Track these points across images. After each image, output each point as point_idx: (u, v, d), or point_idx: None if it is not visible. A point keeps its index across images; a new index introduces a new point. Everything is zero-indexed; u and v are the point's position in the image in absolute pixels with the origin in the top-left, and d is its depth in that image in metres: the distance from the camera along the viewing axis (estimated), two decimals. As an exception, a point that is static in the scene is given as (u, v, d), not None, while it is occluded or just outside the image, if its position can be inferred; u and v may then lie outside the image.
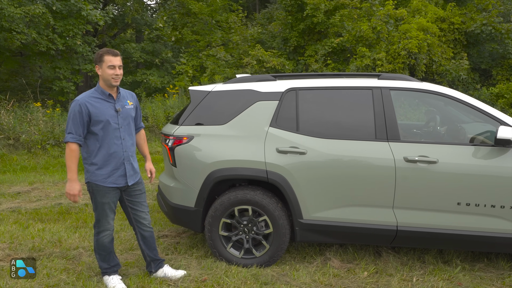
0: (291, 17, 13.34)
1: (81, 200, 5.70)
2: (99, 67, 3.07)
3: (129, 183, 3.22)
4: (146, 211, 3.40)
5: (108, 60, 3.04)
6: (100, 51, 3.09)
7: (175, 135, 3.80)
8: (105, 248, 3.30)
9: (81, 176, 7.18)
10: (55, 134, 9.49)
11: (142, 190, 3.38)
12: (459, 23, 12.38)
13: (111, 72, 3.05)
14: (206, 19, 17.60)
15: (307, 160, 3.54)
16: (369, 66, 11.22)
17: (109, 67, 3.04)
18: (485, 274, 3.58)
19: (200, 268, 3.62)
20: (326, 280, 3.47)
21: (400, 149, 3.47)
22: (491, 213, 3.37)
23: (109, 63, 3.04)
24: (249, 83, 3.87)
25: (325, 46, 12.79)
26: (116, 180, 3.17)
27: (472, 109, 3.52)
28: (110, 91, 3.14)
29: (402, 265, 3.75)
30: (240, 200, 3.64)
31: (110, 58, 3.04)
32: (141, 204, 3.37)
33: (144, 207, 3.39)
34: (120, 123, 3.17)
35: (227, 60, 14.72)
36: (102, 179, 3.13)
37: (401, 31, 11.43)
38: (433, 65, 11.55)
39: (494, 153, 3.38)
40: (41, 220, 4.96)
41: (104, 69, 3.05)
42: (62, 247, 4.10)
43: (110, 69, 3.05)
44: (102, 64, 3.06)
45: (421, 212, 3.46)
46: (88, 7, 12.92)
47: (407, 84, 3.66)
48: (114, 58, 3.06)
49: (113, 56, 3.06)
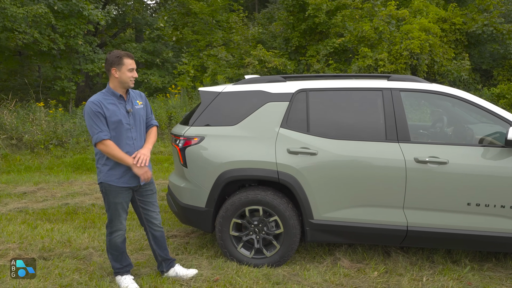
0: (293, 17, 13.36)
1: (88, 200, 5.72)
2: (117, 69, 3.07)
3: (141, 183, 3.23)
4: (157, 211, 3.42)
5: (128, 63, 3.08)
6: (117, 53, 3.08)
7: (185, 136, 3.82)
8: (117, 248, 3.32)
9: (91, 176, 7.20)
10: (58, 134, 9.49)
11: (154, 190, 3.40)
12: (461, 23, 12.43)
13: (130, 74, 3.09)
14: (207, 19, 17.61)
15: (318, 161, 3.56)
16: (371, 66, 11.25)
17: (129, 70, 3.09)
18: (494, 274, 3.61)
19: (211, 268, 3.64)
20: (337, 280, 3.49)
21: (410, 150, 3.49)
22: (501, 213, 3.39)
23: (130, 66, 3.09)
24: (259, 84, 3.89)
25: (326, 46, 12.81)
26: (129, 180, 3.18)
27: (482, 110, 3.54)
28: (121, 92, 3.16)
29: (411, 265, 3.78)
30: (251, 201, 3.66)
31: (130, 61, 3.09)
32: (152, 204, 3.39)
33: (156, 207, 3.41)
34: (132, 124, 3.19)
35: (228, 60, 14.73)
36: (115, 179, 3.15)
37: (403, 31, 11.47)
38: (434, 66, 11.59)
39: (504, 154, 3.41)
40: (49, 220, 4.97)
41: (124, 72, 3.08)
42: (72, 247, 4.11)
43: (130, 72, 3.09)
44: (121, 67, 3.07)
45: (431, 213, 3.49)
46: (89, 7, 12.92)
47: (417, 85, 3.68)
48: (132, 61, 3.12)
49: (132, 59, 3.12)
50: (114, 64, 3.07)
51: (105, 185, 3.18)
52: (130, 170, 3.17)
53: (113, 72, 3.09)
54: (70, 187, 6.45)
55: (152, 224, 3.40)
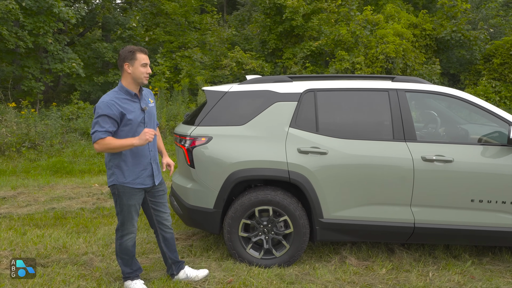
0: (270, 19, 13.43)
1: (75, 204, 5.48)
2: (130, 64, 2.95)
3: (156, 182, 3.16)
4: (168, 212, 3.35)
5: (141, 58, 2.95)
6: (130, 48, 2.96)
7: (192, 136, 3.74)
8: (128, 252, 3.20)
9: (72, 179, 6.91)
10: (30, 136, 9.06)
11: (165, 190, 3.33)
12: (430, 29, 12.94)
13: (143, 70, 2.97)
14: (179, 20, 17.41)
15: (328, 160, 3.59)
16: (348, 69, 11.49)
17: (142, 65, 2.96)
18: (493, 267, 3.77)
19: (221, 270, 3.58)
20: (348, 277, 3.53)
21: (417, 149, 3.59)
22: (502, 209, 3.55)
23: (143, 61, 2.96)
24: (266, 84, 3.88)
25: (303, 49, 12.97)
26: (144, 180, 3.09)
27: (482, 110, 3.70)
28: (135, 90, 3.04)
29: (416, 261, 3.88)
30: (261, 201, 3.64)
31: (143, 56, 2.96)
32: (164, 205, 3.31)
33: (167, 208, 3.34)
34: (147, 122, 3.09)
35: (203, 62, 14.61)
36: (131, 180, 3.04)
37: (378, 36, 11.81)
38: (407, 70, 12.00)
39: (504, 152, 3.57)
40: (37, 225, 4.72)
41: (137, 67, 2.95)
42: (69, 253, 3.92)
43: (143, 67, 2.97)
44: (134, 62, 2.94)
45: (437, 210, 3.60)
46: (60, 4, 12.44)
47: (421, 86, 3.79)
48: (146, 56, 2.99)
49: (145, 54, 2.99)
50: (127, 59, 2.95)
51: (119, 187, 3.04)
52: (145, 170, 3.09)
53: (125, 68, 2.96)
54: (52, 191, 6.16)
55: (163, 225, 3.31)
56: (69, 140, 9.69)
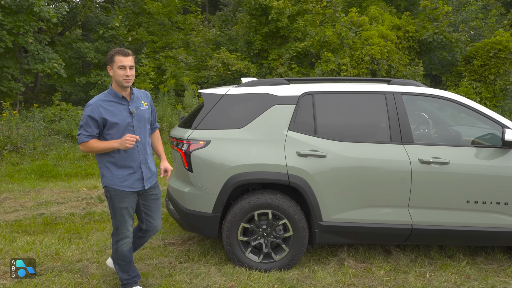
0: (255, 20, 13.42)
1: (64, 210, 5.34)
2: (111, 67, 2.95)
3: (146, 186, 3.11)
4: (159, 221, 3.31)
5: (118, 61, 2.90)
6: (112, 51, 2.96)
7: (190, 139, 3.69)
8: (124, 258, 3.15)
9: (59, 183, 6.74)
10: (12, 139, 8.81)
11: (158, 195, 3.28)
12: (413, 31, 13.17)
13: (121, 73, 2.91)
14: (162, 20, 17.21)
15: (327, 163, 3.60)
16: (334, 70, 11.59)
17: (119, 67, 2.91)
18: (487, 267, 3.85)
19: (221, 275, 3.55)
20: (348, 280, 3.54)
21: (414, 151, 3.63)
22: (496, 209, 3.63)
23: (119, 63, 2.90)
24: (264, 87, 3.86)
25: (289, 50, 13.01)
26: (133, 184, 3.05)
27: (476, 113, 3.77)
28: (123, 92, 3.01)
29: (412, 262, 3.92)
30: (260, 204, 3.62)
31: (121, 58, 2.91)
32: (157, 210, 3.26)
33: (159, 213, 3.30)
34: (135, 126, 3.04)
35: (188, 62, 14.48)
36: (119, 182, 3.01)
37: (363, 37, 11.94)
38: (391, 71, 12.18)
39: (498, 154, 3.65)
40: (27, 232, 4.58)
41: (115, 70, 2.92)
42: (63, 260, 3.82)
43: (121, 70, 2.91)
44: (113, 65, 2.93)
45: (433, 211, 3.65)
46: (40, 3, 12.12)
47: (417, 89, 3.84)
48: (125, 58, 2.92)
49: (124, 56, 2.92)
50: (108, 62, 2.97)
51: (110, 189, 3.03)
52: (134, 173, 3.05)
53: (109, 71, 2.99)
54: (38, 196, 5.99)
55: (152, 231, 3.28)
56: (53, 142, 9.46)
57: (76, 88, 16.24)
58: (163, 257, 3.90)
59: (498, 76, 12.63)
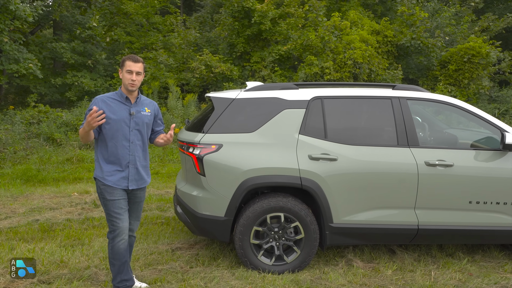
0: (238, 23, 13.45)
1: (59, 215, 5.20)
2: (121, 71, 3.17)
3: (130, 187, 3.18)
4: (138, 221, 3.42)
5: (127, 65, 3.11)
6: (125, 56, 3.16)
7: (202, 143, 3.69)
8: (120, 256, 3.18)
9: (47, 188, 6.53)
10: (-9, 142, 8.47)
11: (142, 198, 3.36)
12: (392, 36, 13.55)
13: (128, 77, 3.11)
14: (140, 20, 16.96)
15: (338, 166, 3.68)
16: (318, 74, 11.77)
17: (127, 71, 3.11)
18: (487, 264, 4.03)
19: (235, 279, 3.56)
20: (359, 280, 3.63)
21: (420, 154, 3.77)
22: (496, 209, 3.81)
23: (128, 68, 3.10)
24: (274, 91, 3.91)
25: (272, 53, 13.10)
26: (118, 181, 3.14)
27: (476, 117, 3.95)
28: (129, 95, 3.18)
29: (416, 261, 4.06)
30: (273, 208, 3.66)
31: (130, 64, 3.10)
32: (136, 212, 3.35)
33: (139, 216, 3.41)
34: (132, 126, 3.16)
35: (169, 64, 14.33)
36: (105, 176, 3.12)
37: (345, 41, 12.19)
38: (371, 75, 12.48)
39: (497, 156, 3.83)
40: (25, 239, 4.43)
41: (124, 74, 3.13)
42: (69, 268, 3.73)
43: (128, 74, 3.11)
44: (123, 68, 3.14)
45: (438, 211, 3.79)
46: (16, 1, 11.70)
47: (421, 94, 3.99)
48: (134, 64, 3.11)
49: (133, 62, 3.11)
50: (120, 66, 3.19)
51: (99, 182, 3.15)
52: (121, 172, 3.14)
53: (119, 74, 3.22)
54: (29, 201, 5.80)
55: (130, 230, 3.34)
56: (33, 146, 9.16)
57: (51, 89, 15.76)
58: (174, 262, 3.87)
59: (471, 80, 13.17)
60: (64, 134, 9.93)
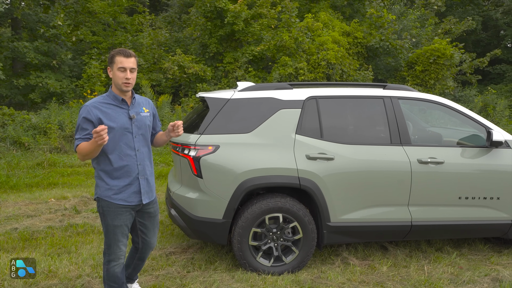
0: (210, 23, 13.33)
1: (39, 223, 4.94)
2: (110, 69, 2.73)
3: (144, 201, 2.83)
4: (156, 235, 3.09)
5: (119, 62, 2.67)
6: (113, 51, 2.72)
7: (198, 145, 3.62)
8: (116, 279, 2.89)
9: (21, 194, 6.22)
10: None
11: (156, 211, 3.03)
12: (361, 37, 13.87)
13: (121, 75, 2.69)
14: (106, 20, 16.48)
15: (335, 165, 3.71)
16: (292, 74, 11.86)
17: (119, 69, 2.68)
18: (474, 257, 4.19)
19: (236, 281, 3.51)
20: (357, 278, 3.67)
21: (413, 152, 3.86)
22: (483, 204, 3.96)
23: (120, 64, 2.67)
24: (269, 91, 3.89)
25: (245, 54, 13.08)
26: (129, 197, 2.77)
27: (464, 116, 4.09)
28: (123, 96, 2.78)
29: (408, 256, 4.16)
30: (272, 208, 3.64)
31: (122, 59, 2.67)
32: (153, 228, 3.03)
33: (156, 231, 3.07)
34: (135, 132, 2.79)
35: (140, 65, 14.01)
36: (112, 194, 2.74)
37: (317, 42, 12.35)
38: (343, 75, 12.72)
39: (483, 153, 3.99)
40: (4, 249, 4.18)
41: (115, 72, 2.70)
42: (59, 277, 3.54)
43: (121, 72, 2.69)
44: (113, 66, 2.71)
45: (430, 208, 3.90)
46: (-25, -2, 11.08)
47: (412, 94, 4.09)
48: (126, 59, 2.69)
49: (125, 57, 2.69)
50: (108, 63, 2.75)
51: (102, 203, 2.76)
52: (131, 185, 2.77)
53: (108, 72, 2.76)
54: (3, 209, 5.48)
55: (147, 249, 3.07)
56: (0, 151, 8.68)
57: (13, 91, 15.00)
58: (169, 267, 3.77)
59: (437, 80, 13.71)
60: (32, 137, 9.48)
